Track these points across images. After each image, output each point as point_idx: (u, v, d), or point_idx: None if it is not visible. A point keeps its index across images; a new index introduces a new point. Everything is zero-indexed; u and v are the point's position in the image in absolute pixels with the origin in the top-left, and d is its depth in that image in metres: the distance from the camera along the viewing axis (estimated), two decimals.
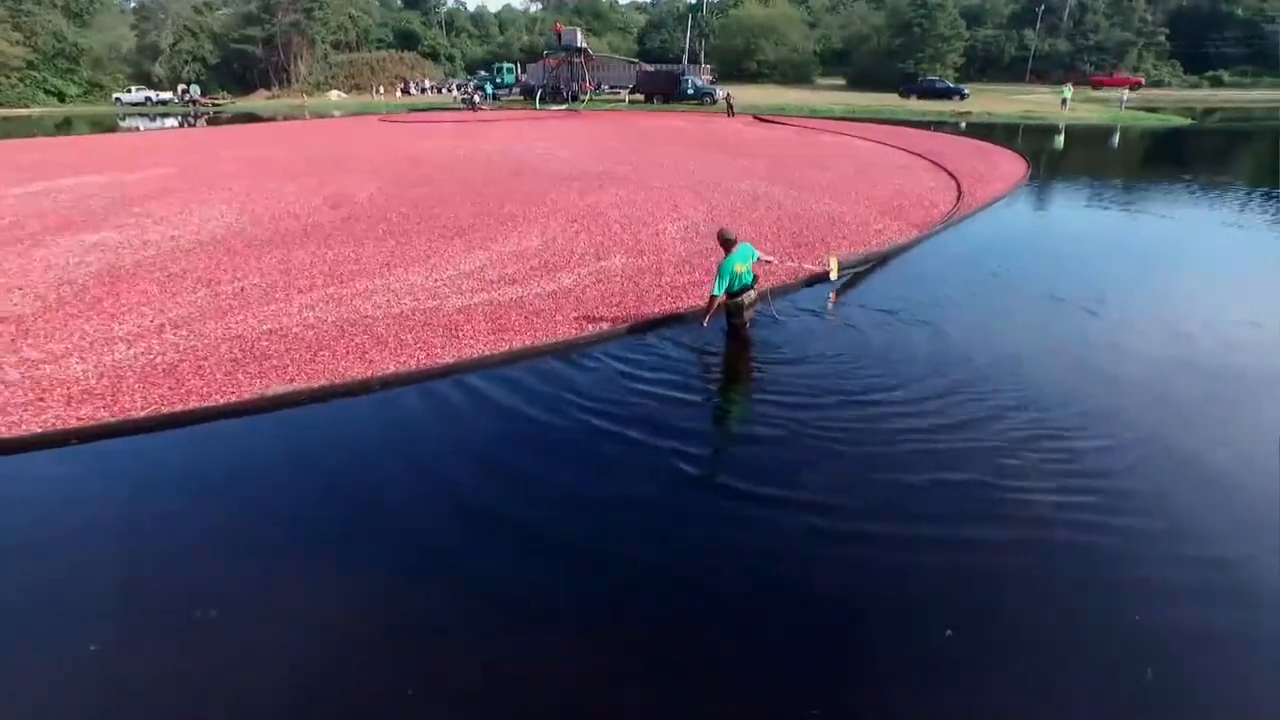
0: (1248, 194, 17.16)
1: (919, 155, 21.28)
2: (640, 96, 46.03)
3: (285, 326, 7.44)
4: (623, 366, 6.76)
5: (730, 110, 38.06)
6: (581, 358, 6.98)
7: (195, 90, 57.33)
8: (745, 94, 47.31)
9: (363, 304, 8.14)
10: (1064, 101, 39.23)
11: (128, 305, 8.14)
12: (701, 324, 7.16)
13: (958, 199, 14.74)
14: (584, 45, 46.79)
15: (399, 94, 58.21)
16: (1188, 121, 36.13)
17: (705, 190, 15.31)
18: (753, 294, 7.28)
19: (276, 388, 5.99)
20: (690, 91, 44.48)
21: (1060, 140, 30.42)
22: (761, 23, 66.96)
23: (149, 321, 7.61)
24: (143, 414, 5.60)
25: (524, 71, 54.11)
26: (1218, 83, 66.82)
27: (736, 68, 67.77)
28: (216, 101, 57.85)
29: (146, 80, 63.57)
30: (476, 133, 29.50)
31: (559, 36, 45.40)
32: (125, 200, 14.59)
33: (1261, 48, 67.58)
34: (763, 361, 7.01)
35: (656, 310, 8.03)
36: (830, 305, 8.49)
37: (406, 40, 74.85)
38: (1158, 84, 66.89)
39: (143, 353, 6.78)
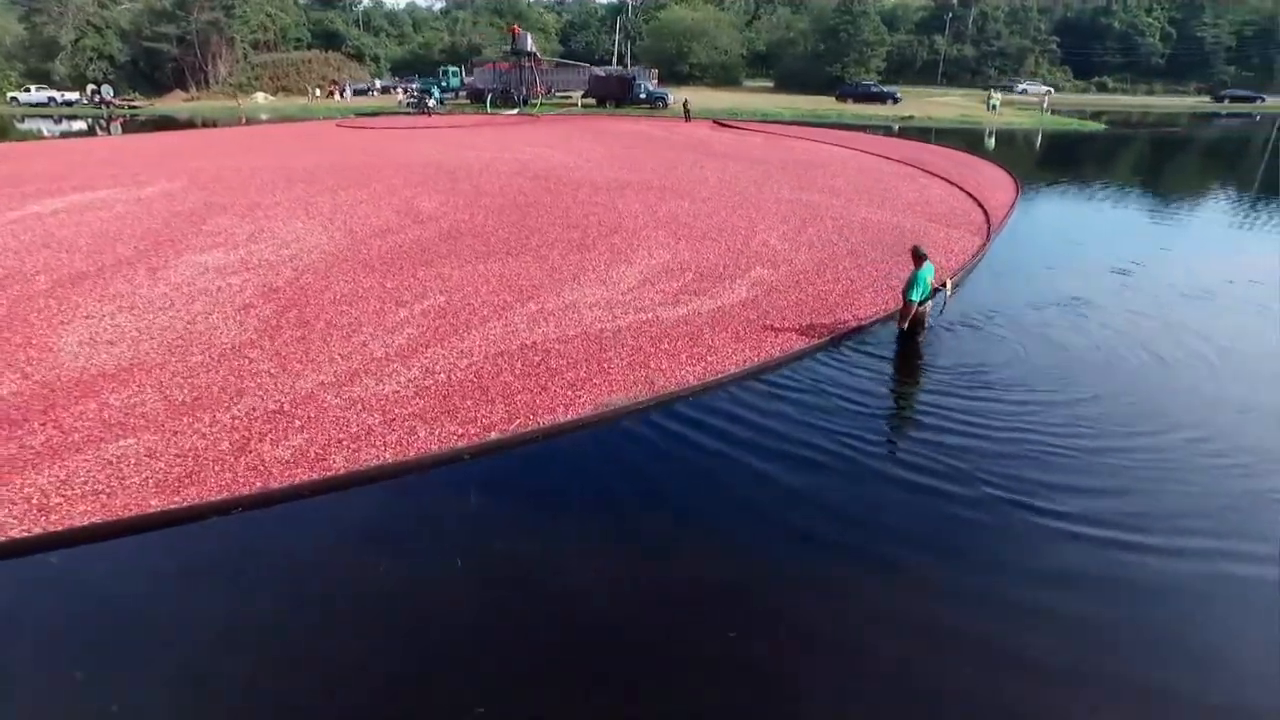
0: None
1: (905, 163, 22.98)
2: (592, 101, 46.53)
3: (546, 339, 7.95)
4: (864, 374, 7.68)
5: (687, 115, 39.18)
6: (824, 363, 7.86)
7: (107, 91, 53.48)
8: (681, 96, 48.61)
9: (585, 316, 8.69)
10: (993, 106, 42.55)
11: (351, 325, 8.38)
12: (901, 326, 8.22)
13: (981, 206, 16.32)
14: (534, 49, 46.86)
15: (338, 96, 56.23)
16: (1101, 127, 39.97)
17: (753, 199, 16.32)
18: (930, 304, 8.40)
19: (618, 400, 6.59)
20: (643, 96, 45.38)
21: (991, 142, 33.34)
22: (692, 26, 68.59)
23: (403, 339, 7.93)
24: (512, 430, 6.08)
25: (469, 74, 53.55)
26: (1103, 88, 73.48)
27: (669, 70, 69.16)
28: (133, 104, 54.24)
29: (43, 79, 58.86)
30: (457, 139, 29.39)
31: (514, 39, 45.30)
32: (184, 217, 14.21)
33: (1135, 58, 74.88)
34: (981, 366, 8.08)
35: (838, 320, 8.95)
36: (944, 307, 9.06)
37: (329, 40, 72.21)
38: (1053, 88, 72.74)
39: (431, 370, 7.18)
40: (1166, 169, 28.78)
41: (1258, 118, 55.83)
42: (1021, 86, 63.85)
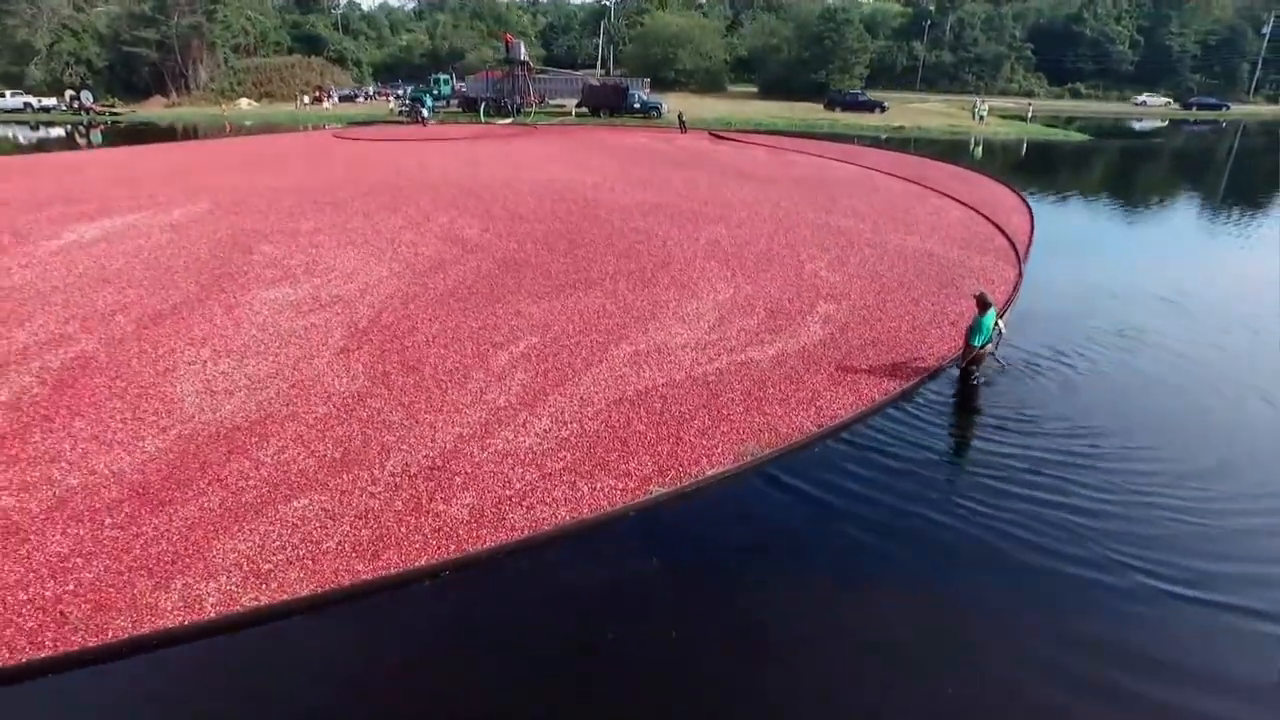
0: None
1: (913, 181, 23.59)
2: (586, 110, 46.74)
3: (655, 384, 8.32)
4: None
5: (683, 127, 39.58)
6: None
7: (87, 96, 52.37)
8: (669, 103, 49.15)
9: (682, 358, 9.04)
10: (980, 117, 43.63)
11: (458, 369, 8.59)
12: (959, 366, 8.82)
13: (1001, 230, 16.89)
14: (527, 58, 46.93)
15: (326, 103, 55.65)
16: (1085, 138, 41.15)
17: (785, 223, 16.77)
18: (990, 347, 8.89)
19: (751, 447, 6.96)
20: (636, 105, 45.71)
21: (978, 152, 34.38)
22: (677, 33, 69.07)
23: (518, 385, 8.20)
24: (669, 483, 6.43)
25: (460, 82, 53.39)
26: (1076, 94, 75.49)
27: (654, 76, 69.55)
28: (113, 110, 53.16)
29: (15, 83, 57.38)
30: (462, 153, 29.45)
31: (507, 48, 45.31)
32: (228, 246, 14.24)
33: (1107, 64, 77.05)
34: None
35: (915, 358, 9.40)
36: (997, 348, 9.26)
37: (310, 44, 71.35)
38: (1029, 94, 74.57)
39: (562, 419, 7.47)
40: (1163, 179, 29.93)
41: (1224, 124, 57.94)
42: (1141, 98, 67.36)
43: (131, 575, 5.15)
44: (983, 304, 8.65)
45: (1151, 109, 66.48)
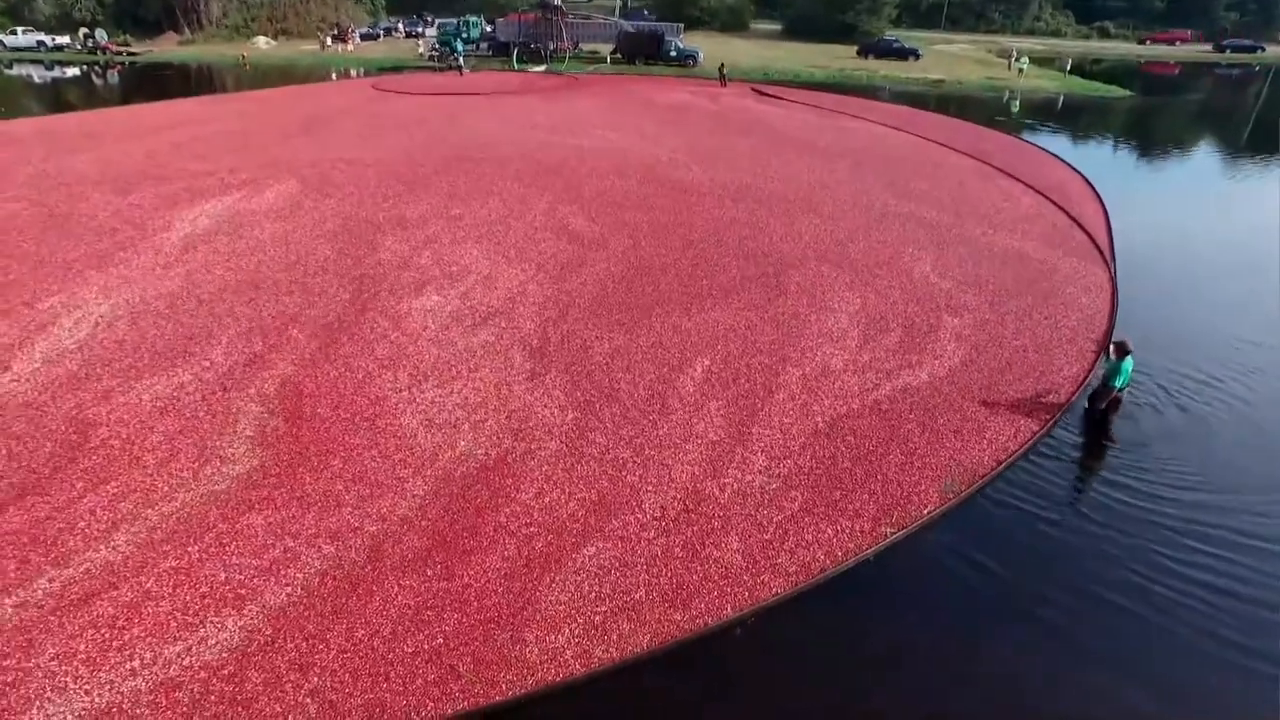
0: None
1: (970, 156, 23.65)
2: (620, 57, 45.89)
3: (838, 414, 9.02)
4: None
5: (723, 79, 39.05)
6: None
7: (101, 35, 51.00)
8: (693, 44, 48.39)
9: (847, 383, 9.73)
10: (1019, 70, 43.06)
11: (654, 397, 9.26)
12: (1096, 407, 9.33)
13: (1075, 221, 17.13)
14: (560, 1, 45.75)
15: (349, 45, 54.23)
16: (1127, 94, 40.73)
17: (868, 211, 17.16)
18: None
19: (952, 484, 7.76)
20: (672, 54, 44.90)
21: (1015, 106, 34.60)
22: None
23: (719, 418, 8.91)
24: (896, 525, 7.25)
25: (490, 25, 52.05)
26: (1105, 34, 73.84)
27: (676, 15, 67.68)
28: (130, 50, 51.84)
29: (21, 18, 55.74)
30: (512, 114, 29.21)
31: None
32: (346, 238, 14.63)
33: (1137, 1, 75.06)
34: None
35: (1054, 386, 10.00)
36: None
37: None
38: (1056, 33, 72.97)
39: (775, 455, 8.23)
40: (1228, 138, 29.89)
41: (1256, 68, 57.15)
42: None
43: (485, 628, 5.97)
44: (1123, 350, 9.21)
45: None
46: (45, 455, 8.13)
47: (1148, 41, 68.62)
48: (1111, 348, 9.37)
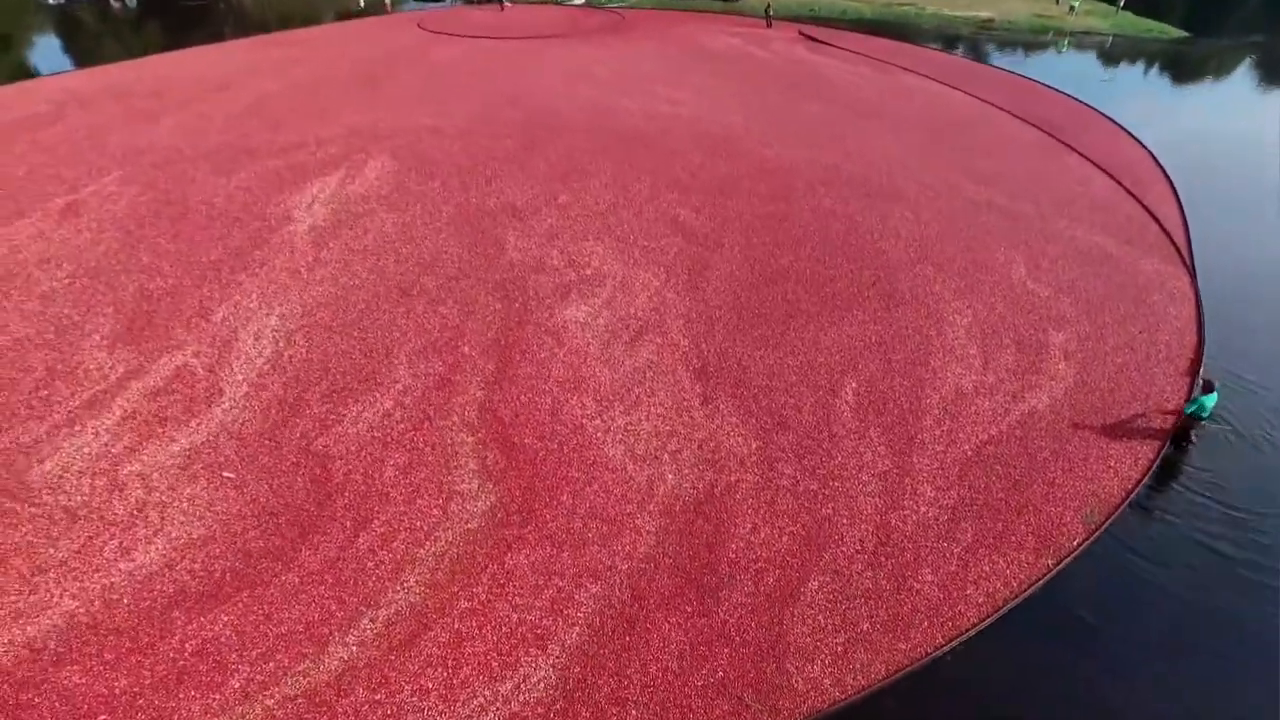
0: None
1: (1031, 124, 23.78)
2: None
3: (979, 440, 10.21)
4: None
5: (769, 20, 38.29)
6: None
7: None
8: None
9: (980, 407, 10.85)
10: (1071, 7, 42.10)
11: (819, 425, 10.39)
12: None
13: (1149, 211, 17.60)
14: None
15: None
16: (1184, 35, 39.77)
17: (955, 201, 17.77)
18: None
19: (1091, 515, 9.14)
20: None
21: (1065, 45, 35.06)
22: None
23: (882, 446, 10.10)
24: (1053, 558, 8.66)
25: None
26: None
27: None
28: None
29: None
30: (565, 65, 29.20)
31: None
32: (468, 230, 15.25)
33: None
34: None
35: (1156, 408, 11.08)
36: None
37: None
38: None
39: (941, 486, 9.52)
40: None
41: None
42: None
43: (753, 661, 7.37)
44: (1209, 387, 10.40)
45: None
46: (302, 492, 9.15)
47: None
48: (1200, 383, 10.58)
